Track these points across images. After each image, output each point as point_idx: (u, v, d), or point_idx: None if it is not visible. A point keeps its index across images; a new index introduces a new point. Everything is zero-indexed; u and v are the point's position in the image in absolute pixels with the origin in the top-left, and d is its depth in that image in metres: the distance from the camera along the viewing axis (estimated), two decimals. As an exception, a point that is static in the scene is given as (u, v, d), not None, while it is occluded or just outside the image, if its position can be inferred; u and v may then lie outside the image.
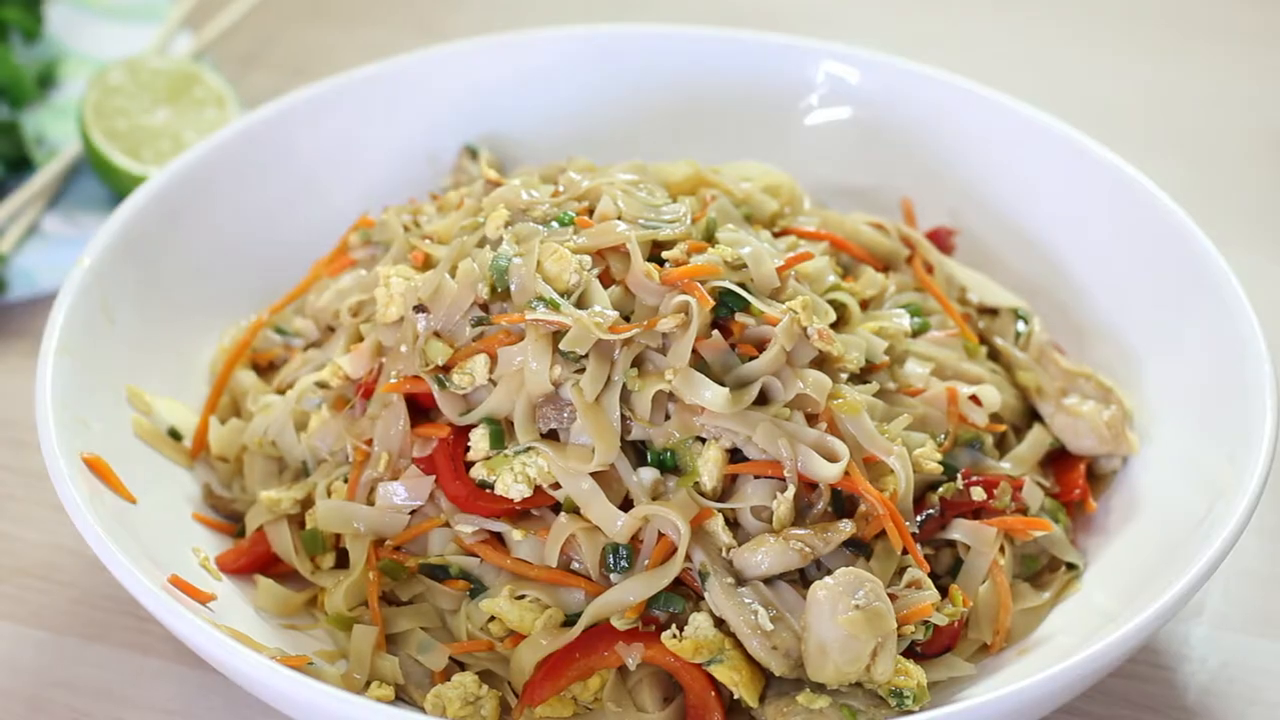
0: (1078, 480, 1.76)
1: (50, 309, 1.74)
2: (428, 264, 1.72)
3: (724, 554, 1.58)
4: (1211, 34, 2.61)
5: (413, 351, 1.66)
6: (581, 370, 1.60)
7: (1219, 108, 2.47)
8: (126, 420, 1.75)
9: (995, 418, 1.76)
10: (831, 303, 1.70)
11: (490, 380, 1.62)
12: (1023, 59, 2.56)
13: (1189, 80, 2.52)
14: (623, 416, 1.60)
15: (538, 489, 1.60)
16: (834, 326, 1.67)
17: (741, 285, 1.64)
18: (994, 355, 1.85)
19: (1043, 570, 1.72)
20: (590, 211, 1.71)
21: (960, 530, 1.66)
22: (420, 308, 1.66)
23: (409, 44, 2.15)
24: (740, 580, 1.57)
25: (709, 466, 1.59)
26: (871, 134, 2.07)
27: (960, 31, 2.63)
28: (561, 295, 1.62)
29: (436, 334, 1.65)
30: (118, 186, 2.18)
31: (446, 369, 1.64)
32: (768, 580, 1.58)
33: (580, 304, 1.62)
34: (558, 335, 1.60)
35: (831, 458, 1.59)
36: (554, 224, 1.68)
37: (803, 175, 1.90)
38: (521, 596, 1.60)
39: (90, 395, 1.71)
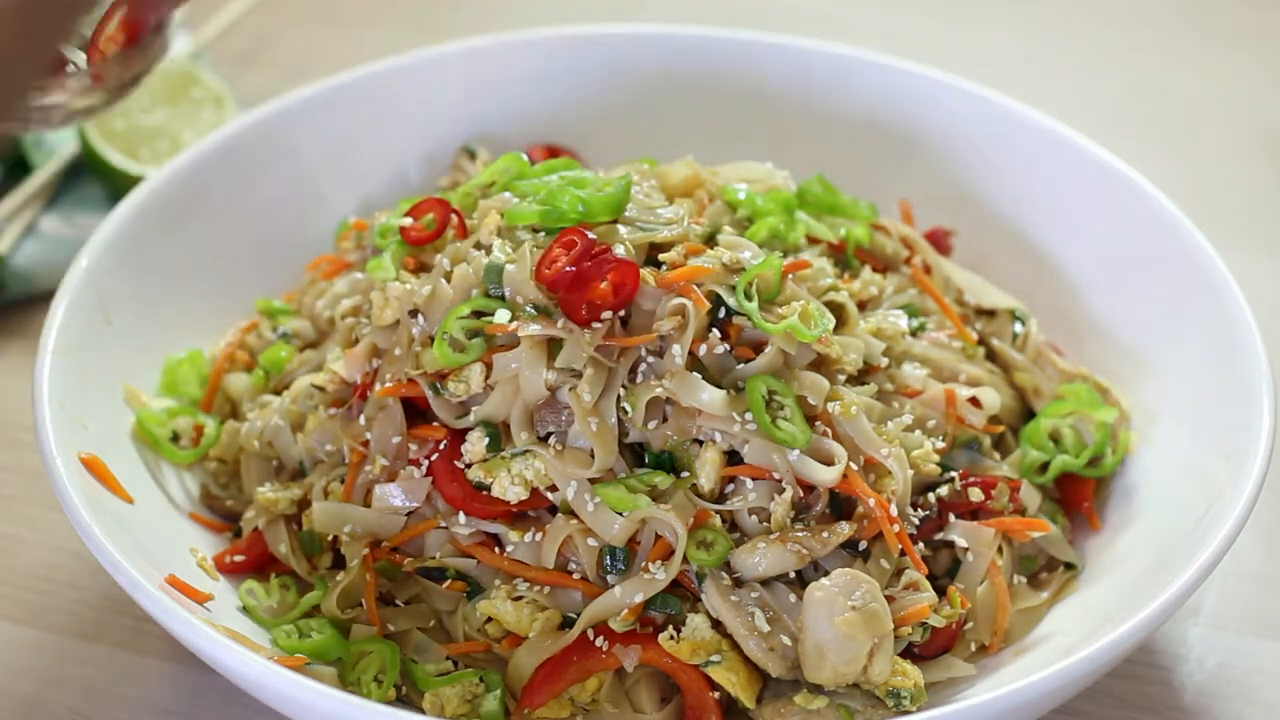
0: (1087, 495, 1.76)
1: (48, 309, 1.74)
2: (422, 268, 1.72)
3: (721, 555, 1.59)
4: (1209, 34, 2.61)
5: (407, 355, 1.66)
6: (578, 374, 1.59)
7: (1216, 107, 2.47)
8: (124, 420, 1.75)
9: (993, 419, 1.76)
10: (829, 304, 1.69)
11: (487, 385, 1.62)
12: (1020, 59, 2.57)
13: (1186, 80, 2.52)
14: (620, 419, 1.60)
15: (534, 490, 1.60)
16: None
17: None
18: (991, 356, 1.85)
19: (1040, 570, 1.72)
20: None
21: (958, 531, 1.66)
22: (415, 312, 1.66)
23: (407, 44, 2.15)
24: (737, 582, 1.57)
25: (706, 468, 1.59)
26: (869, 134, 2.07)
27: (958, 32, 2.63)
28: (558, 299, 1.61)
29: (431, 338, 1.64)
30: (115, 187, 2.18)
31: (442, 376, 1.63)
32: (765, 581, 1.58)
33: (577, 306, 1.62)
34: (554, 340, 1.60)
35: (829, 460, 1.59)
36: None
37: (801, 175, 1.90)
38: (519, 598, 1.60)
39: (88, 395, 1.71)
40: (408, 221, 1.73)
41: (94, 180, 2.24)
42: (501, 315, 1.61)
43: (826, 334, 1.62)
